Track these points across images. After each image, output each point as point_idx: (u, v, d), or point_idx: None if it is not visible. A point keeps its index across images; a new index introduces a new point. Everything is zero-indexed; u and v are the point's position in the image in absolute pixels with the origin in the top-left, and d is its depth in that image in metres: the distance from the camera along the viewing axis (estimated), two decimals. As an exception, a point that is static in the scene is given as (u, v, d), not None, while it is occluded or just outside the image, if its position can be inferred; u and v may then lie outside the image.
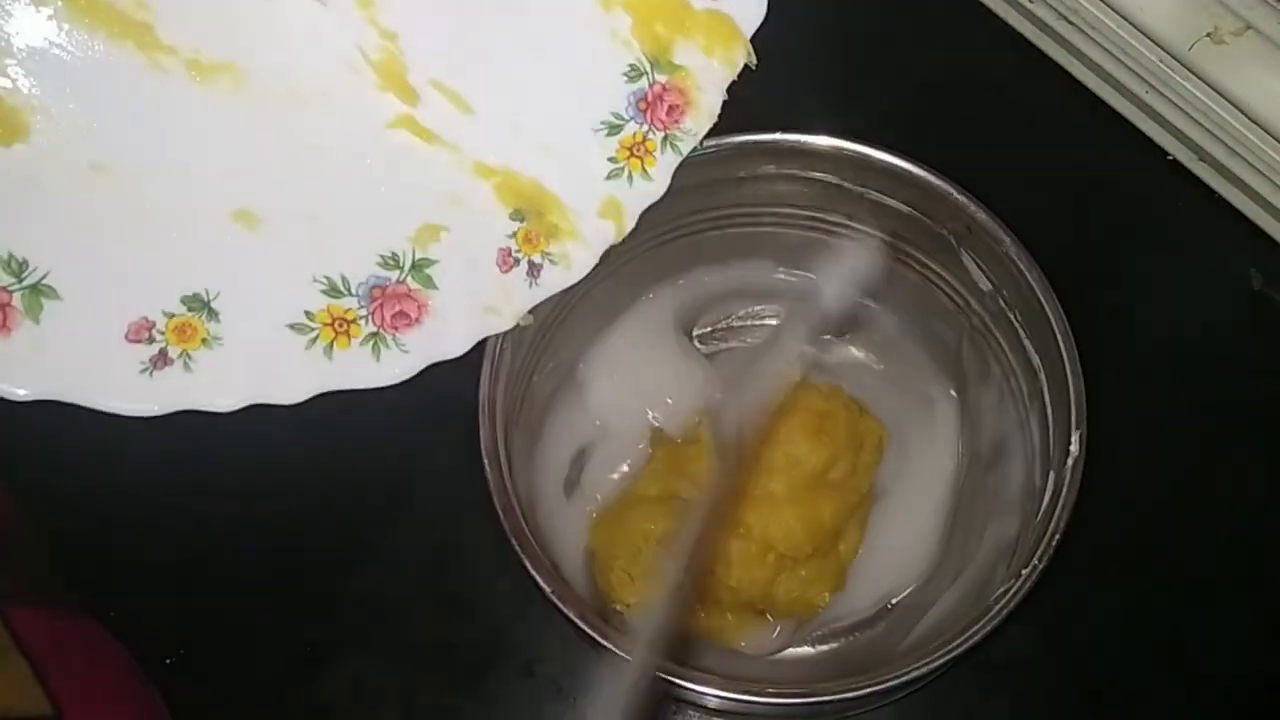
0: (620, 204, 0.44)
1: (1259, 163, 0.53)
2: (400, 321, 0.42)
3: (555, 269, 0.44)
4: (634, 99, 0.44)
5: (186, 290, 0.41)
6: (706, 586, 0.46)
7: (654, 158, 0.44)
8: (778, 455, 0.46)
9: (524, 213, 0.43)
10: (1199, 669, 0.49)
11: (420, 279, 0.43)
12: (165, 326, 0.41)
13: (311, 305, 0.42)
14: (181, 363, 0.41)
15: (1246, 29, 0.52)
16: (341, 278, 0.42)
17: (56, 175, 0.40)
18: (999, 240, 0.44)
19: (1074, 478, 0.41)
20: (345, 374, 0.42)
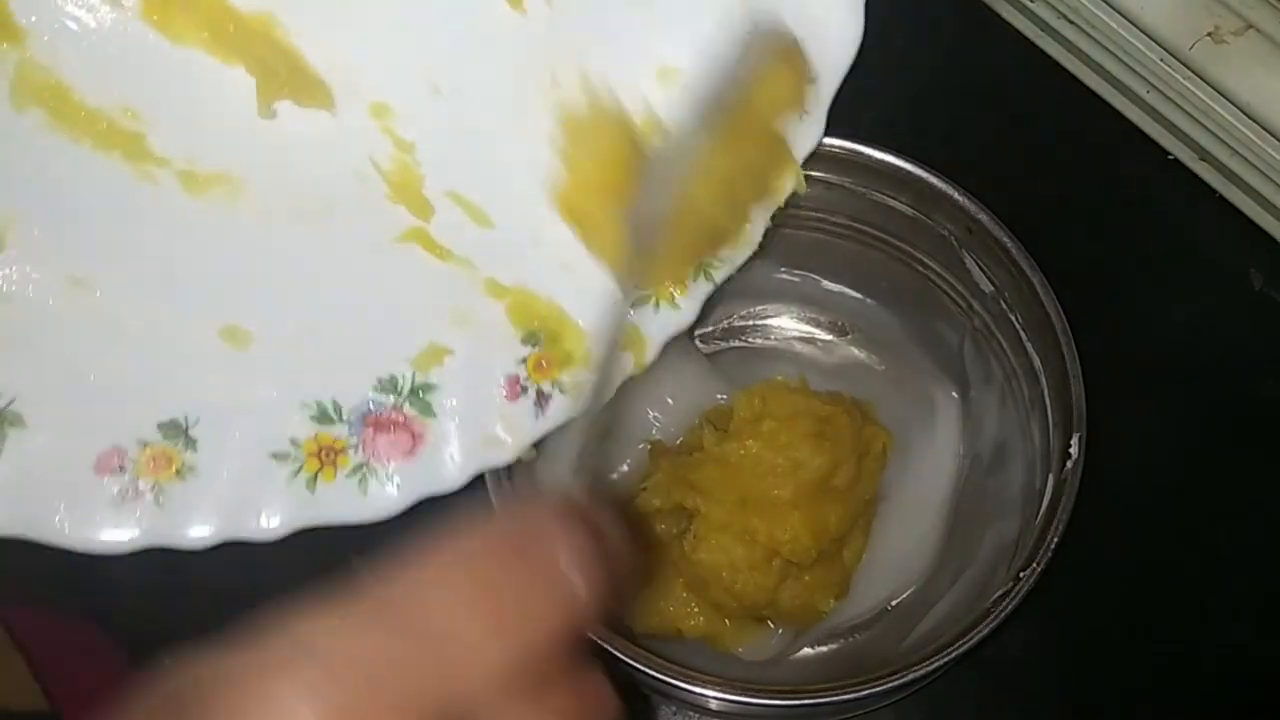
0: (642, 334, 0.40)
1: (1260, 162, 0.53)
2: (393, 452, 0.38)
3: (564, 399, 0.40)
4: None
5: (164, 416, 0.37)
6: (709, 593, 0.46)
7: (685, 286, 0.40)
8: (781, 461, 0.46)
9: (537, 337, 0.39)
10: (1199, 669, 0.49)
11: (418, 405, 0.39)
12: (138, 456, 0.37)
13: (298, 433, 0.38)
14: (152, 496, 0.37)
15: (1247, 28, 0.52)
16: (333, 402, 0.38)
17: (30, 291, 0.36)
18: (1000, 242, 0.44)
19: (1074, 480, 0.41)
20: (327, 509, 0.38)
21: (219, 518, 0.38)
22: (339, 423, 0.38)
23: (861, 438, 0.48)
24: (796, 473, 0.45)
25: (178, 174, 0.37)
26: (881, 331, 0.53)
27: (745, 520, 0.45)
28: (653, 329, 0.40)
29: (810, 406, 0.47)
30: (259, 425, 0.38)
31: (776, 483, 0.45)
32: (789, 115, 0.40)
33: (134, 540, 0.37)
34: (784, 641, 0.48)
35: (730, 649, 0.47)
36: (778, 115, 0.40)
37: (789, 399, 0.47)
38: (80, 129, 0.37)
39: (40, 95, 0.36)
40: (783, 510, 0.45)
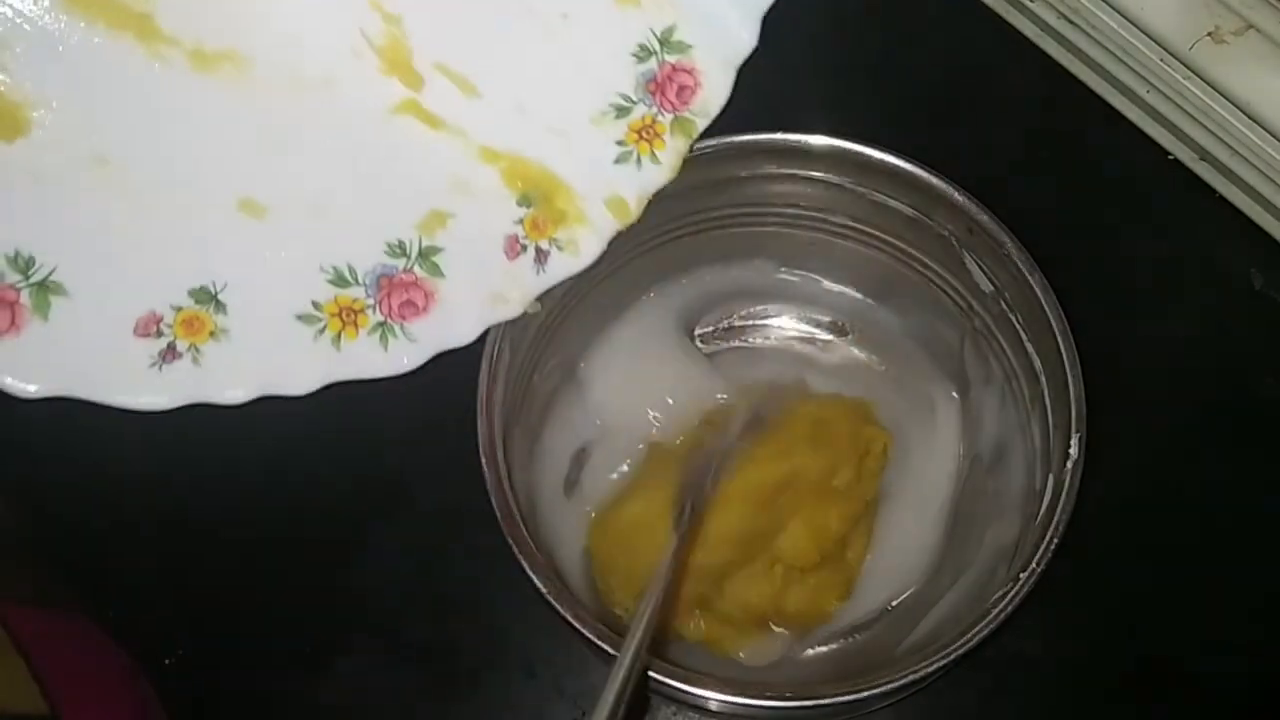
0: (622, 195, 0.43)
1: (1260, 162, 0.53)
2: (408, 310, 0.42)
3: (563, 255, 0.43)
4: (643, 80, 0.43)
5: (193, 283, 0.41)
6: (711, 602, 0.45)
7: (663, 141, 0.43)
8: (780, 466, 0.46)
9: (531, 198, 0.43)
10: (1199, 670, 0.49)
11: (427, 267, 0.42)
12: (173, 320, 0.40)
13: (319, 295, 0.42)
14: (190, 356, 0.40)
15: (1247, 28, 0.52)
16: (349, 267, 0.42)
17: (59, 170, 0.39)
18: (1001, 242, 0.44)
19: (1073, 480, 0.41)
20: (353, 364, 0.42)
21: (253, 375, 0.41)
22: (356, 285, 0.42)
23: (861, 439, 0.48)
24: (795, 478, 0.45)
25: (186, 52, 0.40)
26: (881, 331, 0.53)
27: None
28: (638, 184, 0.43)
29: (807, 408, 0.47)
30: (282, 289, 0.41)
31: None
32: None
33: (175, 397, 0.40)
34: (786, 645, 0.48)
35: (731, 654, 0.47)
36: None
37: (785, 403, 0.47)
38: (94, 11, 0.39)
39: None
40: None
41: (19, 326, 0.39)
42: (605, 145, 0.43)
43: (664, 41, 0.42)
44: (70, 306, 0.39)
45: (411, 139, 0.42)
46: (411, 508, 0.52)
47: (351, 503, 0.52)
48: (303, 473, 0.52)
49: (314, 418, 0.48)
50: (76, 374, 0.39)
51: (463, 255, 0.42)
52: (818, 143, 0.46)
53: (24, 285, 0.39)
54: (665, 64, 0.43)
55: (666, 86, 0.43)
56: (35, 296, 0.39)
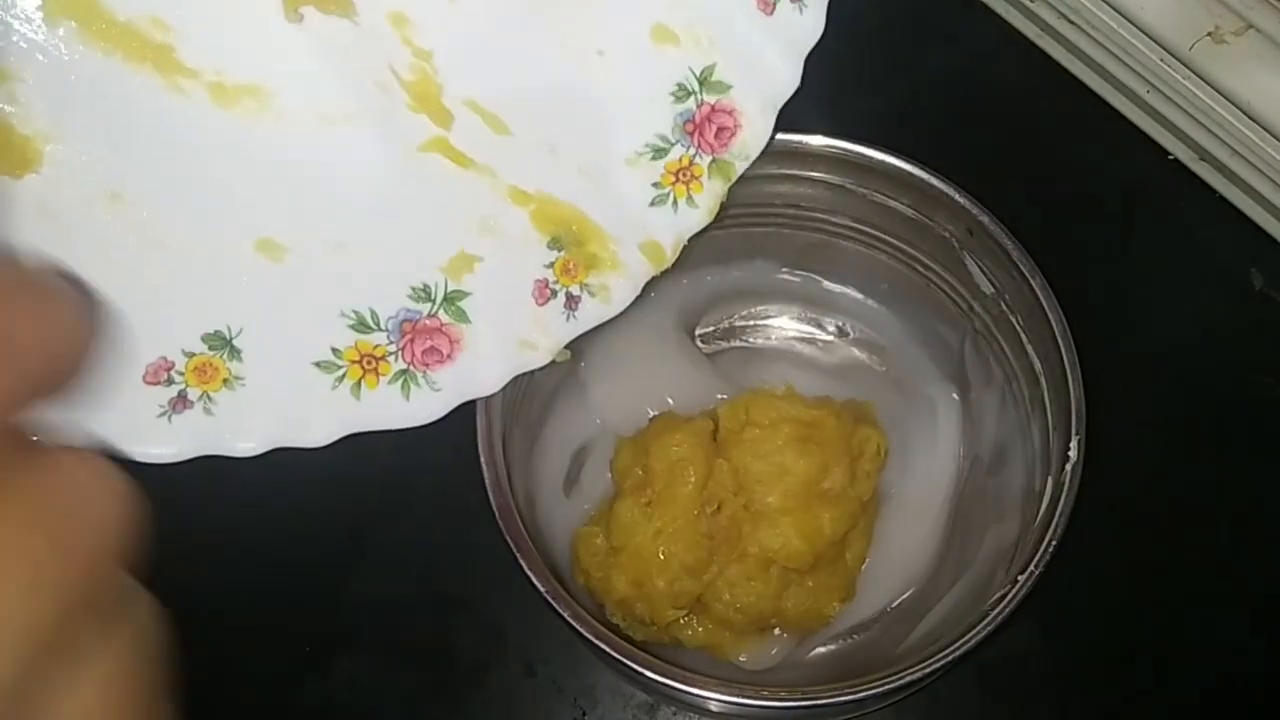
0: (658, 240, 0.42)
1: (1260, 162, 0.53)
2: (431, 358, 0.40)
3: (594, 301, 0.41)
4: (680, 120, 0.41)
5: (208, 327, 0.39)
6: (712, 611, 0.45)
7: (701, 184, 0.41)
8: (767, 467, 0.45)
9: (562, 241, 0.41)
10: (1198, 670, 0.49)
11: (453, 312, 0.40)
12: (185, 366, 0.39)
13: (339, 342, 0.40)
14: (201, 405, 0.39)
15: (1247, 28, 0.52)
16: (370, 312, 0.40)
17: (70, 206, 0.38)
18: (1001, 244, 0.44)
19: (1072, 482, 0.41)
20: (373, 414, 0.40)
21: (267, 426, 0.39)
22: (377, 330, 0.40)
23: (854, 440, 0.48)
24: (783, 478, 0.45)
25: (207, 86, 0.38)
26: (882, 332, 0.53)
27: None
28: (673, 228, 0.42)
29: (795, 412, 0.47)
30: (300, 335, 0.40)
31: (765, 490, 0.45)
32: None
33: (184, 448, 0.39)
34: (787, 648, 0.48)
35: (732, 658, 0.47)
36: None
37: (772, 406, 0.47)
38: (111, 41, 0.37)
39: (71, 7, 0.37)
40: (772, 517, 0.45)
41: None
42: (641, 187, 0.41)
43: (703, 81, 0.41)
44: None
45: (439, 178, 0.40)
46: (411, 507, 0.52)
47: (351, 502, 0.52)
48: (302, 472, 0.51)
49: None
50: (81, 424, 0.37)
51: (490, 300, 0.41)
52: (818, 143, 0.46)
53: None
54: (704, 104, 0.41)
55: (705, 127, 0.41)
56: None
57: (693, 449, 0.46)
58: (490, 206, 0.41)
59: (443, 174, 0.40)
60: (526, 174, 0.41)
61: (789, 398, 0.48)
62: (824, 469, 0.46)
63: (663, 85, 0.41)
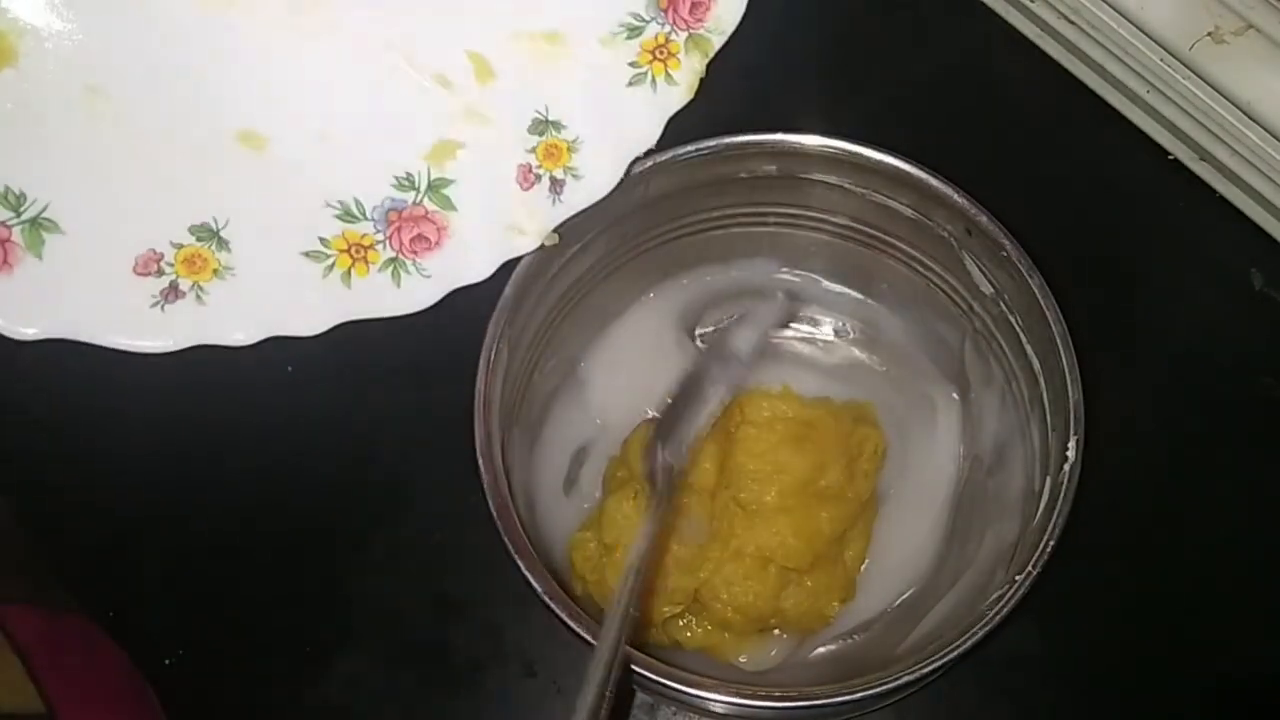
0: (643, 115, 0.41)
1: (1260, 162, 0.53)
2: (420, 245, 0.41)
3: (579, 184, 0.41)
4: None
5: (194, 219, 0.39)
6: (710, 611, 0.45)
7: (678, 60, 0.41)
8: (764, 466, 0.45)
9: (543, 125, 0.41)
10: (1198, 670, 0.49)
11: (438, 200, 0.41)
12: (174, 258, 0.39)
13: (326, 231, 0.40)
14: (193, 295, 0.39)
15: (1247, 28, 0.52)
16: (355, 201, 0.40)
17: (50, 101, 0.38)
18: (1000, 244, 0.44)
19: (1071, 483, 0.41)
20: (366, 302, 0.40)
21: (260, 315, 0.39)
22: (364, 220, 0.40)
23: (852, 440, 0.48)
24: (779, 476, 0.45)
25: None
26: (881, 332, 0.53)
27: (732, 532, 0.45)
28: (653, 106, 0.41)
29: (791, 411, 0.47)
30: (287, 225, 0.40)
31: (761, 489, 0.45)
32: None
33: (179, 338, 0.39)
34: (786, 649, 0.48)
35: (731, 659, 0.47)
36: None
37: (768, 404, 0.47)
38: None
39: None
40: (768, 516, 0.45)
41: (11, 265, 0.37)
42: (618, 67, 0.41)
43: None
44: (66, 244, 0.38)
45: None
46: (410, 508, 0.52)
47: (351, 503, 0.52)
48: (302, 473, 0.52)
49: (314, 417, 0.48)
50: (75, 315, 0.38)
51: (474, 186, 0.41)
52: (817, 144, 0.45)
53: (15, 223, 0.37)
54: None
55: (679, 3, 0.41)
56: (28, 234, 0.37)
57: None
58: (468, 92, 0.41)
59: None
60: (502, 56, 0.41)
61: (785, 397, 0.48)
62: (820, 468, 0.46)
63: None
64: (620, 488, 0.46)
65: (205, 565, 0.51)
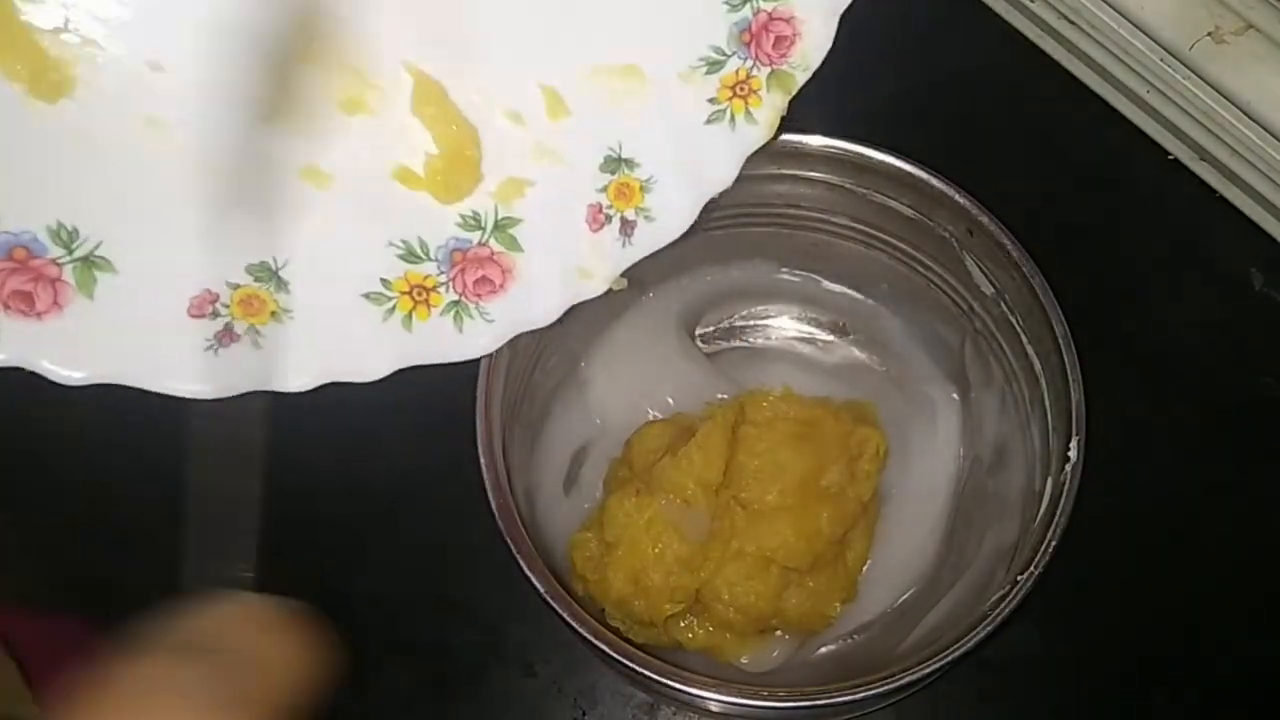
0: (721, 154, 0.39)
1: (1260, 162, 0.53)
2: (483, 288, 0.38)
3: (650, 225, 0.39)
4: (736, 30, 0.38)
5: (253, 258, 0.37)
6: (712, 612, 0.45)
7: (759, 97, 0.39)
8: (765, 466, 0.45)
9: (615, 164, 0.39)
10: (1198, 670, 0.49)
11: (504, 240, 0.39)
12: (230, 299, 0.37)
13: (388, 272, 0.38)
14: (249, 339, 0.37)
15: (1247, 28, 0.52)
16: (419, 240, 0.38)
17: (105, 134, 0.36)
18: (1001, 244, 0.44)
19: (1072, 483, 0.41)
20: (426, 347, 0.38)
21: (318, 359, 0.38)
22: (427, 260, 0.38)
23: (852, 440, 0.48)
24: (780, 476, 0.45)
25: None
26: (882, 332, 0.53)
27: (734, 532, 0.45)
28: (731, 145, 0.39)
29: (792, 411, 0.47)
30: (348, 266, 0.38)
31: (763, 490, 0.45)
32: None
33: (234, 384, 0.37)
34: (788, 650, 0.48)
35: (733, 659, 0.47)
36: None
37: (768, 405, 0.47)
38: None
39: None
40: (769, 515, 0.45)
41: (61, 305, 0.35)
42: (696, 104, 0.39)
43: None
44: (118, 284, 0.36)
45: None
46: (411, 508, 0.52)
47: (351, 503, 0.52)
48: (302, 473, 0.52)
49: (314, 418, 0.47)
50: (125, 359, 0.36)
51: (542, 227, 0.39)
52: (817, 144, 0.45)
53: (67, 260, 0.35)
54: (761, 11, 0.38)
55: (762, 37, 0.38)
56: (79, 273, 0.35)
57: (674, 437, 0.46)
58: (539, 128, 0.39)
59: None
60: (576, 91, 0.39)
61: (786, 397, 0.48)
62: (821, 467, 0.46)
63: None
64: (621, 487, 0.46)
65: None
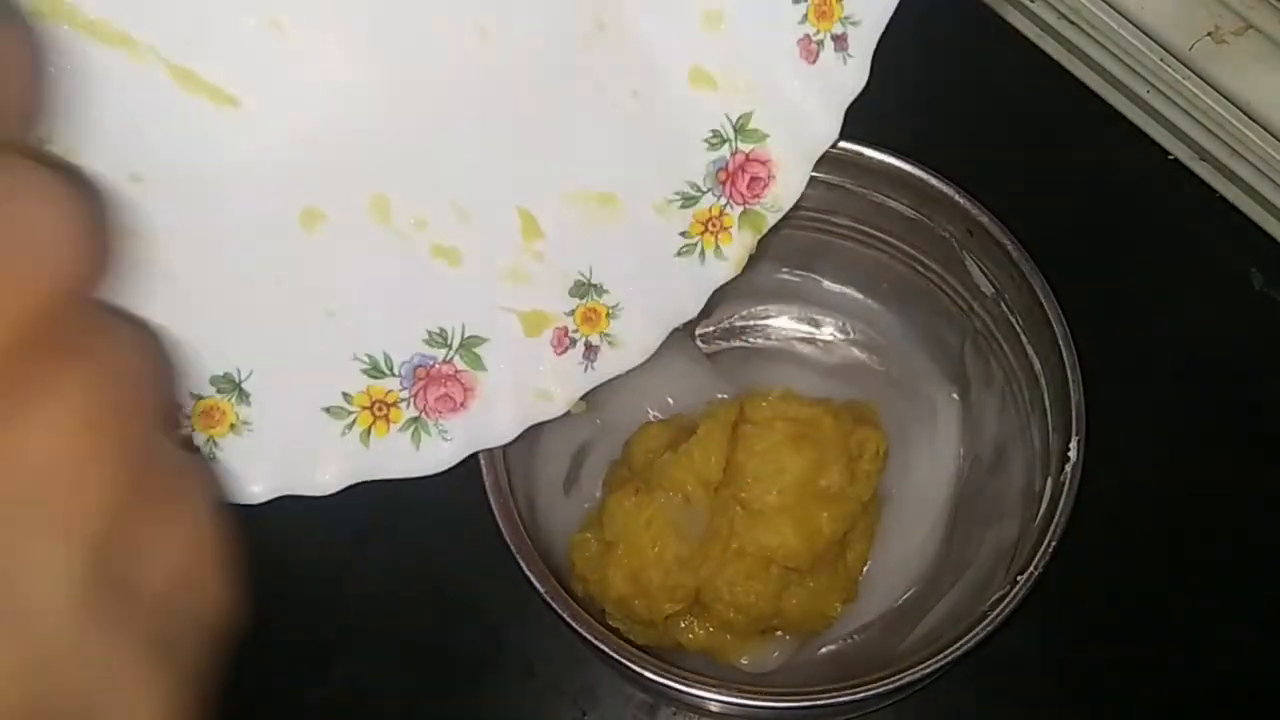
0: (687, 286, 0.40)
1: (1260, 162, 0.53)
2: (444, 405, 0.38)
3: (613, 351, 0.40)
4: (713, 168, 0.39)
5: (217, 370, 0.37)
6: (712, 612, 0.45)
7: (730, 234, 0.40)
8: (765, 465, 0.45)
9: (584, 289, 0.39)
10: (1198, 671, 0.49)
11: (468, 359, 0.38)
12: (191, 411, 0.36)
13: (350, 386, 0.38)
14: (207, 450, 0.37)
15: (1247, 28, 0.52)
16: (384, 355, 0.38)
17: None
18: (1001, 244, 0.44)
19: (1072, 483, 0.41)
20: (382, 463, 0.38)
21: (274, 472, 0.38)
22: (390, 376, 0.38)
23: (852, 440, 0.48)
24: (780, 475, 0.45)
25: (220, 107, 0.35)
26: (882, 332, 0.53)
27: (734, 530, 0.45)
28: (698, 279, 0.40)
29: (790, 411, 0.47)
30: (311, 379, 0.38)
31: (763, 489, 0.45)
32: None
33: None
34: (788, 651, 0.48)
35: (733, 660, 0.47)
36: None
37: (767, 405, 0.47)
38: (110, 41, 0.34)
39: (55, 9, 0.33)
40: (769, 515, 0.45)
41: None
42: (668, 236, 0.39)
43: (739, 129, 0.39)
44: None
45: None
46: (411, 508, 0.52)
47: (352, 503, 0.52)
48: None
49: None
50: None
51: (508, 347, 0.39)
52: (818, 143, 0.45)
53: None
54: (739, 152, 0.39)
55: (738, 177, 0.39)
56: None
57: (674, 437, 0.46)
58: (512, 250, 0.39)
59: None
60: (551, 215, 0.39)
61: (786, 397, 0.48)
62: (820, 467, 0.46)
63: (697, 131, 0.39)
64: (621, 487, 0.46)
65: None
